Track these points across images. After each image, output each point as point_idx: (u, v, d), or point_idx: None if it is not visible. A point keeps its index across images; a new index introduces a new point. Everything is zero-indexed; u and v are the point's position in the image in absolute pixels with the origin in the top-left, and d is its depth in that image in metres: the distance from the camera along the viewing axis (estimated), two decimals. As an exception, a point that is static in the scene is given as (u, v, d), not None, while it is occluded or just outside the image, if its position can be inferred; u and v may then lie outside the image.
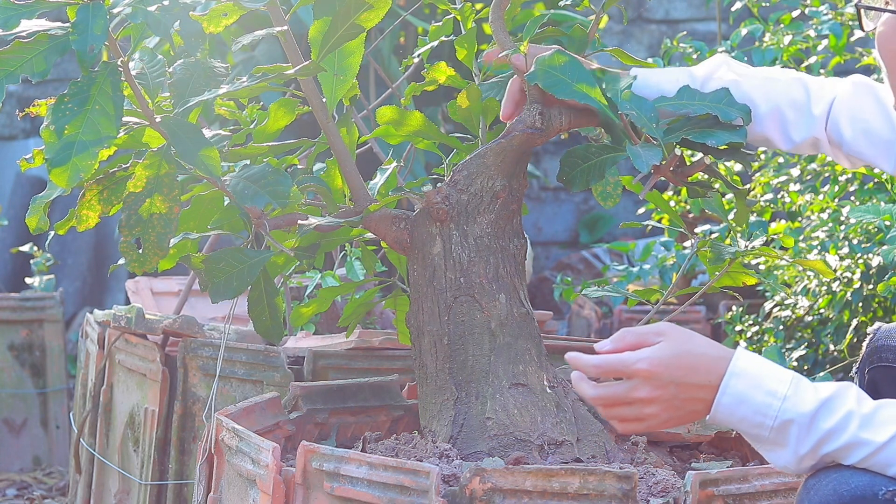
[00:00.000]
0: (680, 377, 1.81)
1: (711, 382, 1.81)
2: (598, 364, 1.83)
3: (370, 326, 3.44)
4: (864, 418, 1.76)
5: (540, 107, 2.33)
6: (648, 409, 1.82)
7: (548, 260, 7.04)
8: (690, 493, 2.07)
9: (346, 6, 2.25)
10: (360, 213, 2.39)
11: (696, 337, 1.84)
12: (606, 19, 2.49)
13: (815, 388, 1.79)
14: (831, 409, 1.77)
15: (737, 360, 1.81)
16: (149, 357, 3.18)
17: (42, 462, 4.50)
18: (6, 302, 4.47)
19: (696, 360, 1.81)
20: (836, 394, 1.78)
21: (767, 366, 1.81)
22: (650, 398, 1.81)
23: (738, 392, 1.79)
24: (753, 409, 1.79)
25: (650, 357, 1.81)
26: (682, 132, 2.26)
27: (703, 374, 1.81)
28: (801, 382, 1.80)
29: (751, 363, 1.81)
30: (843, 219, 3.47)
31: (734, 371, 1.80)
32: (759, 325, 3.74)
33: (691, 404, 1.82)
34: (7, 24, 2.08)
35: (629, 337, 1.85)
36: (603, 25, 2.57)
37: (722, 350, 1.83)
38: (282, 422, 2.47)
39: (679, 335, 1.83)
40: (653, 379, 1.81)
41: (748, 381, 1.80)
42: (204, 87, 2.27)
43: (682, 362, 1.81)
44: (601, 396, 1.84)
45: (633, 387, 1.82)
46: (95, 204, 2.29)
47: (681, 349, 1.81)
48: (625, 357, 1.82)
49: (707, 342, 1.83)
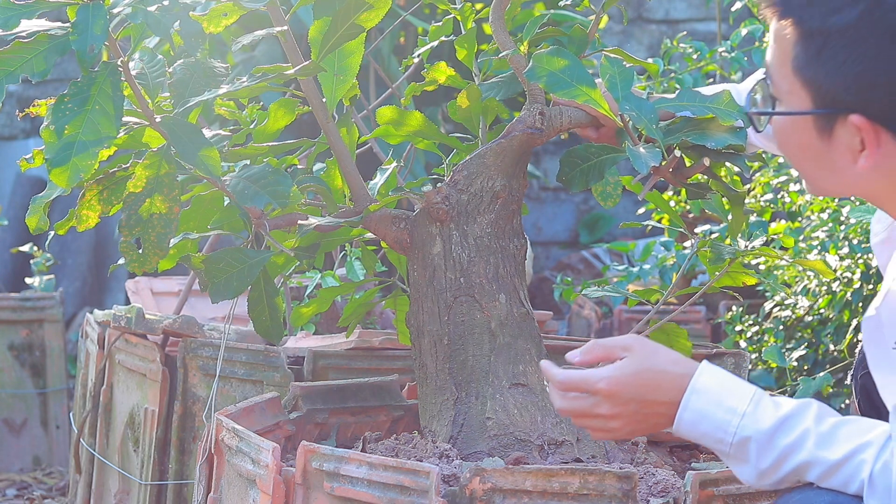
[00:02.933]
0: (641, 394, 1.85)
1: (672, 399, 1.85)
2: (561, 380, 1.89)
3: (370, 326, 3.44)
4: (821, 436, 1.78)
5: (540, 107, 2.33)
6: (612, 423, 1.87)
7: (548, 260, 7.04)
8: (690, 493, 2.07)
9: (346, 6, 2.25)
10: (360, 213, 2.39)
11: (660, 352, 1.87)
12: (606, 19, 2.49)
13: (775, 406, 1.81)
14: (790, 427, 1.79)
15: (698, 376, 1.84)
16: (149, 357, 3.18)
17: (42, 462, 4.50)
18: (6, 302, 4.47)
19: (657, 377, 1.85)
20: (795, 411, 1.80)
21: (729, 382, 1.84)
22: (612, 414, 1.87)
23: (699, 409, 1.83)
24: (713, 426, 1.82)
25: (610, 376, 1.85)
26: (681, 133, 2.26)
27: (664, 391, 1.85)
28: (762, 400, 1.82)
29: (712, 380, 1.84)
30: (843, 219, 3.47)
31: (695, 388, 1.84)
32: (759, 325, 3.74)
33: (654, 418, 1.87)
34: (7, 24, 2.08)
35: (597, 349, 1.90)
36: (603, 25, 2.57)
37: (685, 366, 1.86)
38: (282, 422, 2.47)
39: (643, 351, 1.87)
40: (613, 397, 1.86)
41: (708, 398, 1.83)
42: (204, 87, 2.28)
43: (642, 380, 1.85)
44: (568, 409, 1.90)
45: (596, 403, 1.87)
46: (95, 204, 2.29)
47: (642, 366, 1.85)
48: (587, 375, 1.87)
49: (671, 358, 1.87)
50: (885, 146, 1.79)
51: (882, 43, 1.75)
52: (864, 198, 1.99)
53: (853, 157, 1.81)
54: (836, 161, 1.83)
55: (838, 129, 1.80)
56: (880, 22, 1.75)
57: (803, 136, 1.85)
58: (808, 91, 1.81)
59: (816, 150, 1.84)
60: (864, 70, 1.76)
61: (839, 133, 1.81)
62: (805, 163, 1.88)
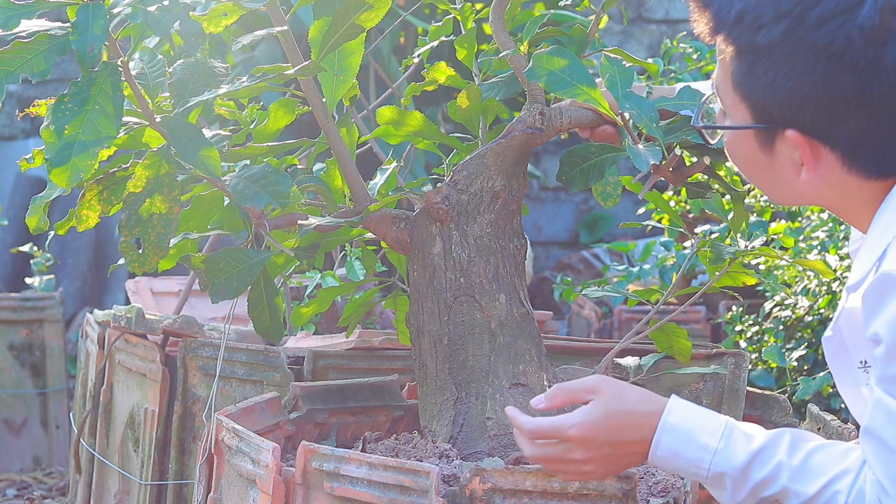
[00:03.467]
0: (613, 437, 1.84)
1: (644, 438, 1.84)
2: (531, 430, 1.86)
3: (370, 326, 3.44)
4: (794, 470, 1.78)
5: (540, 107, 2.33)
6: (586, 467, 1.86)
7: (548, 260, 7.04)
8: (690, 493, 2.07)
9: (346, 6, 2.25)
10: (360, 213, 2.39)
11: (627, 392, 1.86)
12: (606, 19, 2.49)
13: (747, 440, 1.81)
14: (762, 461, 1.80)
15: (668, 414, 1.84)
16: (149, 357, 3.18)
17: (42, 462, 4.50)
18: (6, 302, 4.47)
19: (627, 419, 1.84)
20: (767, 444, 1.80)
21: (700, 418, 1.83)
22: (585, 459, 1.86)
23: (670, 447, 1.83)
24: (687, 462, 1.82)
25: (581, 422, 1.84)
26: (682, 132, 2.26)
27: (635, 430, 1.84)
28: (732, 433, 1.82)
29: (681, 417, 1.83)
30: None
31: (665, 427, 1.83)
32: (759, 325, 3.74)
33: (628, 458, 1.86)
34: (7, 24, 2.08)
35: (561, 394, 1.88)
36: (603, 25, 2.57)
37: (654, 403, 1.85)
38: (282, 422, 2.47)
39: (610, 393, 1.85)
40: (586, 443, 1.85)
41: (679, 436, 1.82)
42: (204, 87, 2.27)
43: (612, 422, 1.84)
44: (539, 457, 1.88)
45: (568, 449, 1.86)
46: (95, 204, 2.29)
47: (611, 408, 1.84)
48: (557, 423, 1.85)
49: (639, 396, 1.86)
50: (825, 159, 1.79)
51: (807, 59, 1.75)
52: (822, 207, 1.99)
53: (796, 170, 1.82)
54: (781, 174, 1.83)
55: (778, 143, 1.81)
56: (803, 39, 1.75)
57: (748, 150, 1.85)
58: (747, 106, 1.82)
59: (762, 164, 1.85)
60: (794, 86, 1.76)
61: (780, 147, 1.81)
62: (754, 176, 1.88)
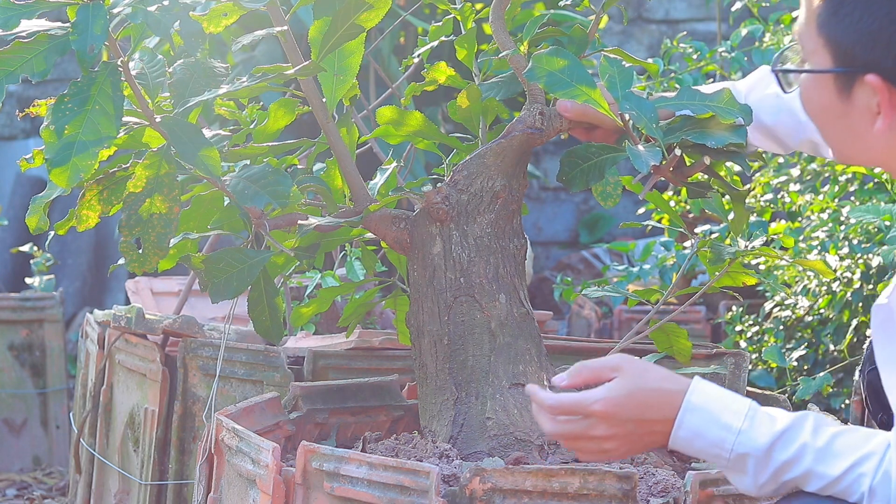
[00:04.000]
0: (636, 414, 1.83)
1: (667, 417, 1.83)
2: (553, 405, 1.85)
3: (370, 326, 3.44)
4: (819, 451, 1.77)
5: (540, 107, 2.33)
6: (608, 444, 1.85)
7: (548, 260, 7.04)
8: (690, 493, 2.07)
9: (346, 6, 2.25)
10: (360, 213, 2.39)
11: (651, 370, 1.85)
12: (606, 19, 2.48)
13: (771, 420, 1.80)
14: (786, 442, 1.79)
15: (692, 394, 1.83)
16: (149, 357, 3.18)
17: (42, 462, 4.50)
18: (6, 302, 4.47)
19: (651, 396, 1.83)
20: (791, 425, 1.79)
21: (723, 399, 1.82)
22: (608, 436, 1.84)
23: (694, 427, 1.81)
24: (709, 443, 1.81)
25: (606, 398, 1.83)
26: (681, 132, 2.26)
27: (659, 409, 1.83)
28: (756, 414, 1.81)
29: (706, 397, 1.82)
30: (843, 219, 3.47)
31: (689, 406, 1.82)
32: (759, 325, 3.73)
33: (650, 437, 1.85)
34: (7, 24, 2.08)
35: (585, 372, 1.87)
36: (603, 25, 2.57)
37: (678, 383, 1.84)
38: (282, 422, 2.47)
39: (634, 370, 1.84)
40: (610, 418, 1.83)
41: (703, 416, 1.81)
42: (204, 87, 2.27)
43: (637, 399, 1.83)
44: (560, 433, 1.87)
45: (591, 425, 1.84)
46: (95, 204, 2.29)
47: (636, 385, 1.83)
48: (581, 398, 1.84)
49: (662, 375, 1.85)
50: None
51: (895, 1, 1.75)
52: (884, 168, 1.98)
53: (871, 119, 1.81)
54: (856, 124, 1.83)
55: (856, 89, 1.81)
56: None
57: (825, 97, 1.85)
58: (829, 49, 1.82)
59: (837, 112, 1.84)
60: (879, 27, 1.76)
61: (857, 94, 1.81)
62: (828, 126, 1.87)
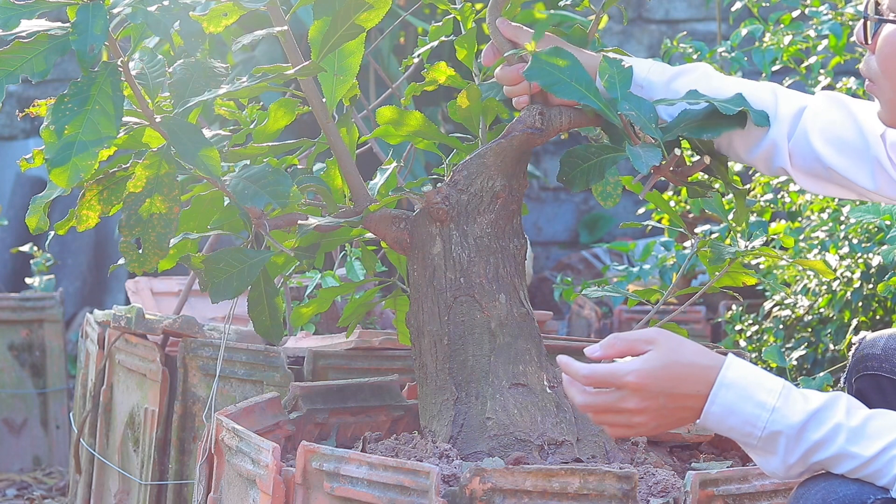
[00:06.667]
0: (669, 388, 1.81)
1: (701, 392, 1.81)
2: (587, 374, 1.83)
3: (370, 326, 3.44)
4: (852, 431, 1.77)
5: (540, 107, 2.33)
6: (638, 418, 1.82)
7: (548, 260, 7.04)
8: (690, 493, 2.07)
9: (346, 6, 2.25)
10: (360, 213, 2.39)
11: (685, 344, 1.83)
12: (606, 19, 2.48)
13: (805, 399, 1.79)
14: (820, 421, 1.78)
15: (727, 369, 1.81)
16: (149, 357, 3.18)
17: (42, 462, 4.50)
18: (6, 302, 4.47)
19: (685, 370, 1.81)
20: (825, 405, 1.78)
21: (757, 376, 1.81)
22: (639, 409, 1.82)
23: (727, 403, 1.80)
24: (742, 420, 1.80)
25: (639, 369, 1.81)
26: (679, 129, 2.26)
27: (693, 384, 1.81)
28: (791, 393, 1.80)
29: (740, 373, 1.81)
30: (843, 219, 3.47)
31: (723, 382, 1.80)
32: (759, 325, 3.74)
33: (681, 412, 1.82)
34: (7, 24, 2.08)
35: (619, 344, 1.85)
36: (603, 25, 2.57)
37: (712, 358, 1.82)
38: (282, 422, 2.47)
39: (669, 343, 1.82)
40: (642, 391, 1.81)
41: (737, 393, 1.80)
42: (204, 87, 2.27)
43: (671, 373, 1.81)
44: (591, 405, 1.84)
45: (623, 397, 1.82)
46: (95, 204, 2.29)
47: (670, 359, 1.81)
48: (614, 368, 1.82)
49: (697, 350, 1.83)
50: None
51: None
52: None
53: None
54: None
55: None
56: None
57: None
58: None
59: None
60: None
61: None
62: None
